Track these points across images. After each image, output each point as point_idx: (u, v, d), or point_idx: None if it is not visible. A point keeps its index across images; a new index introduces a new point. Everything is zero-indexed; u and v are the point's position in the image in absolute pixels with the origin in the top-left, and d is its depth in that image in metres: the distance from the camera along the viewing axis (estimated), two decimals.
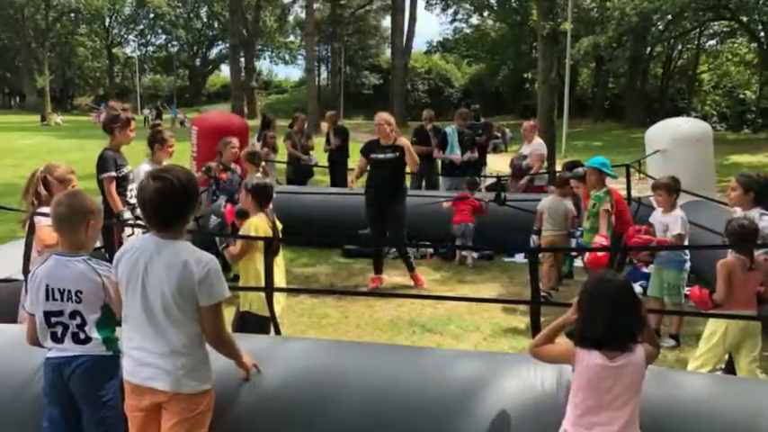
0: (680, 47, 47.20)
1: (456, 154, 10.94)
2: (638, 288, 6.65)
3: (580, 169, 7.68)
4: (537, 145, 10.65)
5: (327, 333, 6.35)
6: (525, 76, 45.55)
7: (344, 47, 61.33)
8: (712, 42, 46.04)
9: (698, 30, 41.43)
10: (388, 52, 60.06)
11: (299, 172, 12.03)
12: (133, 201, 6.04)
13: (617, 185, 7.79)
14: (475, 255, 9.12)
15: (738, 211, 5.36)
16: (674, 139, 9.31)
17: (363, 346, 4.17)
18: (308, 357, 3.56)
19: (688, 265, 6.07)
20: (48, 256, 3.28)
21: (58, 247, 3.36)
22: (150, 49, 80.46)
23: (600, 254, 6.28)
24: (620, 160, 10.73)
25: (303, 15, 55.63)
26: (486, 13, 53.93)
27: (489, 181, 11.60)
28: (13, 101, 73.63)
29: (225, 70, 76.87)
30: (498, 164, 16.53)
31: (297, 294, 7.23)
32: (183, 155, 9.48)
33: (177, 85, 76.65)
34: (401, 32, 49.30)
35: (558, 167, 11.91)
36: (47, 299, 3.12)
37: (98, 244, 5.21)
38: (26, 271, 4.60)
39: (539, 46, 16.07)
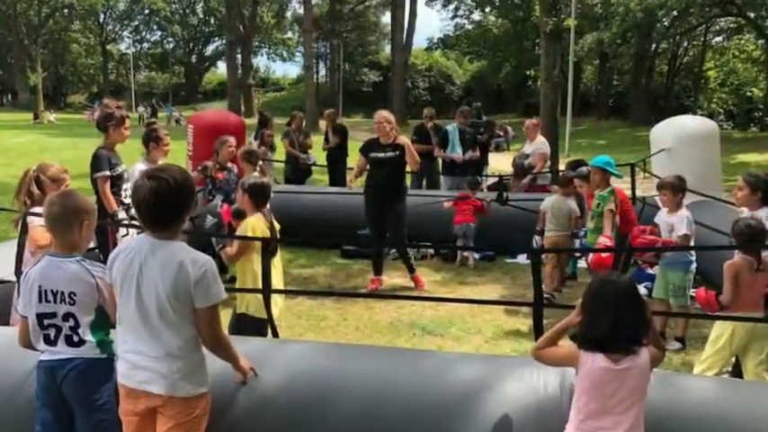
0: (686, 43, 47.23)
1: (457, 153, 10.94)
2: (642, 290, 6.64)
3: (584, 168, 7.69)
4: (539, 143, 10.66)
5: (326, 335, 6.34)
6: (528, 73, 45.52)
7: (343, 43, 61.32)
8: (719, 39, 46.07)
9: (704, 26, 41.46)
10: (387, 49, 60.05)
11: (297, 171, 12.05)
12: (128, 200, 6.02)
13: (621, 185, 7.80)
14: (476, 256, 9.12)
15: (745, 212, 5.36)
16: (679, 137, 9.32)
17: (363, 349, 4.17)
18: (306, 360, 3.56)
19: (694, 266, 6.08)
20: (41, 257, 3.28)
21: (51, 248, 3.36)
22: (145, 45, 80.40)
23: (604, 255, 6.27)
24: (625, 159, 10.73)
25: (301, 11, 55.66)
26: (487, 9, 53.96)
27: (491, 180, 11.61)
28: (6, 98, 73.49)
29: (221, 67, 76.85)
30: (500, 163, 16.51)
31: (295, 296, 7.23)
32: (178, 154, 9.46)
33: (173, 82, 76.60)
34: (401, 29, 49.28)
35: (562, 166, 11.93)
36: (39, 300, 3.12)
37: (92, 245, 5.21)
38: (18, 272, 4.61)
39: (541, 42, 16.06)
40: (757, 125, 41.65)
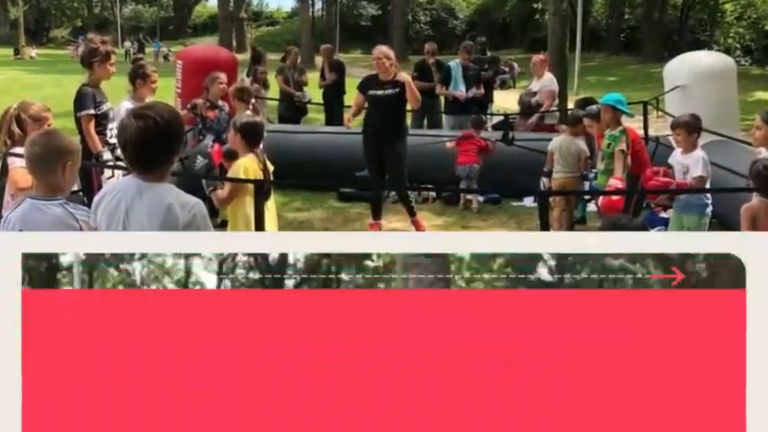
0: None
1: (460, 90, 10.84)
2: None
3: (594, 107, 7.61)
4: (547, 80, 10.56)
5: None
6: (535, 6, 45.05)
7: None
8: None
9: None
10: None
11: (292, 109, 11.96)
12: (113, 140, 6.00)
13: (633, 124, 7.73)
14: (480, 198, 9.09)
15: (763, 152, 5.32)
16: (694, 74, 9.20)
17: None
18: None
19: (710, 209, 6.05)
20: (22, 200, 3.27)
21: (32, 191, 3.34)
22: None
23: (615, 197, 6.26)
24: (637, 97, 10.66)
25: None
26: None
27: (496, 119, 11.55)
28: None
29: (212, 0, 75.92)
30: (506, 101, 16.40)
31: None
32: (166, 91, 9.38)
33: (161, 15, 75.66)
34: None
35: (571, 105, 11.84)
36: None
37: (75, 187, 5.18)
38: None
39: None
40: None
